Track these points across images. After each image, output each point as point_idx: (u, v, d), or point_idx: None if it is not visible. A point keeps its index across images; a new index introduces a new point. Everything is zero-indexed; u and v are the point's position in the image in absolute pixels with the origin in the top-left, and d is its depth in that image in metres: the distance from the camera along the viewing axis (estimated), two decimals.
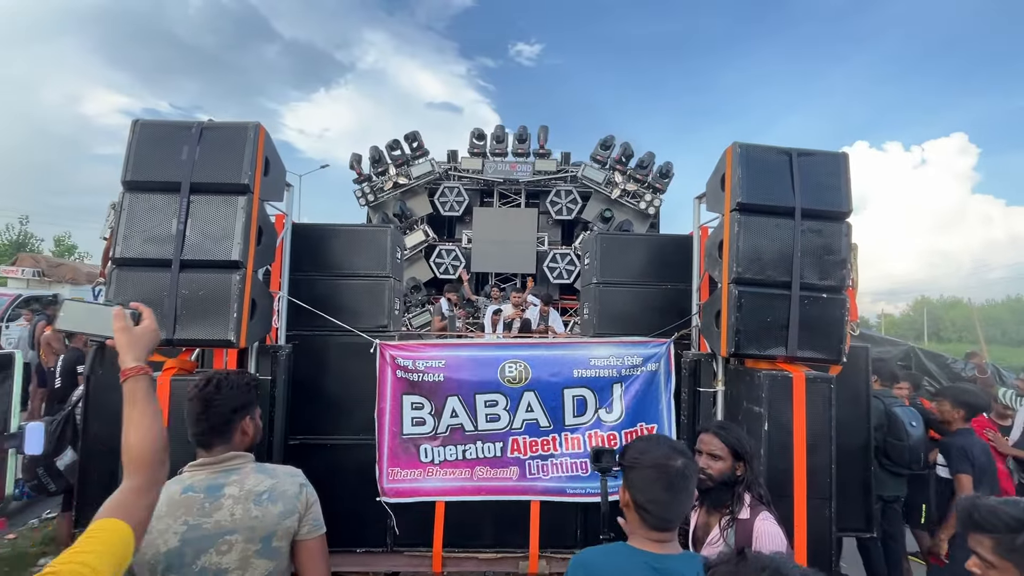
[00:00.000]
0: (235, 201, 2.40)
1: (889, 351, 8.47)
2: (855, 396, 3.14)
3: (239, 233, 2.37)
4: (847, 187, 2.65)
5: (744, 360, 2.66)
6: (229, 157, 2.42)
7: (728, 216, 2.62)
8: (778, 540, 1.69)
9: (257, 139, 2.47)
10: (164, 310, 2.30)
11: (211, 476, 1.57)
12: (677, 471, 1.29)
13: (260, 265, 2.60)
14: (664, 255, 3.39)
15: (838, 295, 2.60)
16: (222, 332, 2.32)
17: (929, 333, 31.23)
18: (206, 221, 2.38)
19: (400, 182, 8.78)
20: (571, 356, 3.05)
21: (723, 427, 1.95)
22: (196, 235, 2.37)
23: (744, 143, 2.64)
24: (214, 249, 2.37)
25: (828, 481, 2.43)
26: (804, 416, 2.41)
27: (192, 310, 2.33)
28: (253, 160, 2.44)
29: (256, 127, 2.48)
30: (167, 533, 1.45)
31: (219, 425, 1.61)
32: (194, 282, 2.35)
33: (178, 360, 2.42)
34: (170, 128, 2.47)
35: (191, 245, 2.36)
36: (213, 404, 1.61)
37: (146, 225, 2.37)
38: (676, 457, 1.31)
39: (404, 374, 2.97)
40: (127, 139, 2.41)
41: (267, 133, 2.56)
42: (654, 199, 8.72)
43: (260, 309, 2.53)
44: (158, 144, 2.42)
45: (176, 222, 2.35)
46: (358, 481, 2.93)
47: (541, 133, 9.15)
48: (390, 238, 3.23)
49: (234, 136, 2.46)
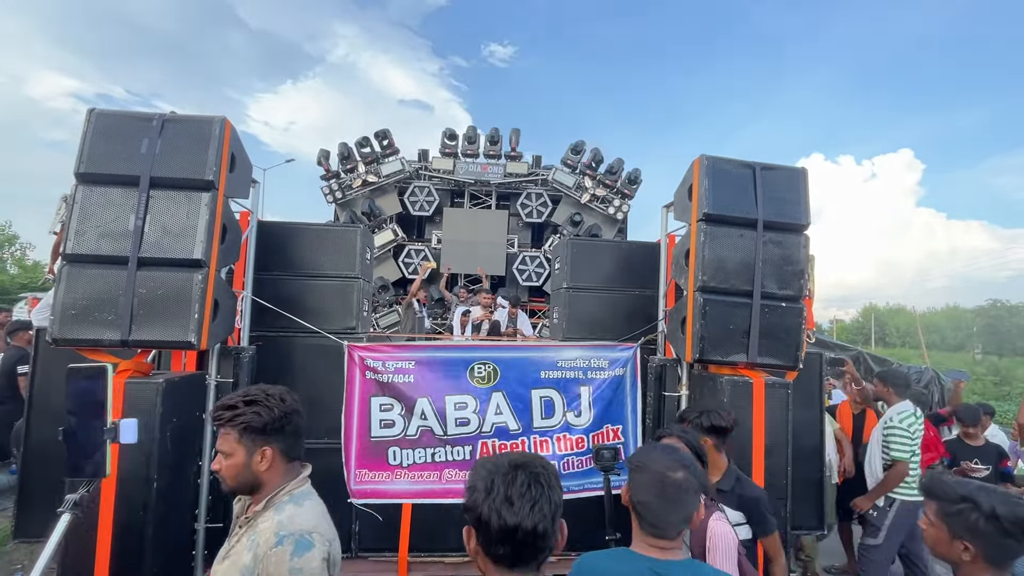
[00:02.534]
0: (198, 197, 2.32)
1: (840, 356, 8.88)
2: (809, 399, 3.29)
3: (202, 230, 2.28)
4: (806, 201, 2.78)
5: (707, 366, 2.75)
6: (193, 151, 2.33)
7: (695, 225, 2.70)
8: (730, 539, 1.77)
9: (223, 134, 2.39)
10: (119, 309, 2.20)
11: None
12: (673, 482, 1.32)
13: (223, 264, 2.51)
14: (632, 262, 3.46)
15: (796, 304, 2.72)
16: (182, 333, 2.23)
17: (876, 338, 32.95)
18: (167, 217, 2.29)
19: (369, 180, 8.63)
20: (539, 358, 3.08)
21: (685, 431, 2.01)
22: (155, 232, 2.27)
23: (711, 156, 2.73)
24: (175, 247, 2.28)
25: (785, 482, 2.55)
26: (763, 420, 2.51)
27: (150, 310, 2.23)
28: (218, 155, 2.36)
29: (222, 121, 2.40)
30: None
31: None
32: (152, 280, 2.25)
33: (133, 362, 2.31)
34: (129, 119, 2.36)
35: (150, 242, 2.26)
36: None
37: (101, 220, 2.25)
38: (678, 469, 1.34)
39: (373, 375, 2.94)
40: (82, 128, 2.29)
41: (233, 128, 2.48)
42: (622, 205, 8.87)
43: (223, 309, 2.45)
44: (116, 135, 2.31)
45: (134, 217, 2.25)
46: (322, 486, 2.84)
47: (513, 135, 9.17)
48: (360, 238, 3.19)
49: (198, 130, 2.37)
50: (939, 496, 1.51)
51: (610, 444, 2.81)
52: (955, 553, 1.45)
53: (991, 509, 1.40)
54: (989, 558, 1.41)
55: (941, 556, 1.51)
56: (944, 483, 1.54)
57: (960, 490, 1.48)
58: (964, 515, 1.43)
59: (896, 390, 3.56)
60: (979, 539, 1.41)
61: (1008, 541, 1.39)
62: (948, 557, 1.48)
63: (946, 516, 1.47)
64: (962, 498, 1.45)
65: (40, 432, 2.71)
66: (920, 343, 14.90)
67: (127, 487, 2.10)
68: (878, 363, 9.13)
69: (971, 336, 35.26)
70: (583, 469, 3.05)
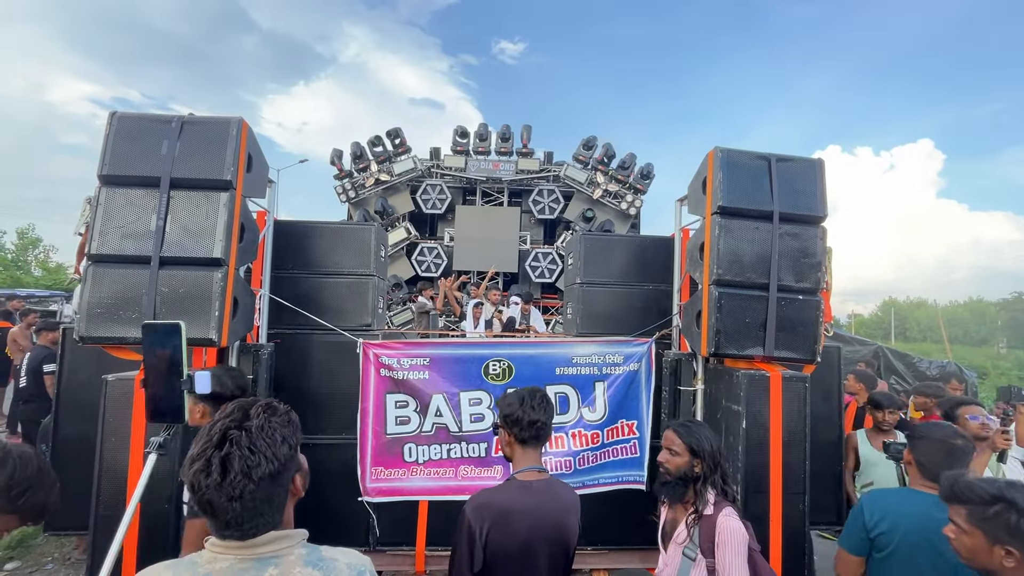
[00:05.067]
0: (217, 197, 2.36)
1: (859, 350, 8.74)
2: (827, 393, 3.26)
3: (221, 230, 2.33)
4: (823, 192, 2.73)
5: (723, 359, 2.73)
6: (211, 152, 2.38)
7: (709, 219, 2.68)
8: (739, 535, 1.75)
9: (240, 134, 2.43)
10: (143, 308, 2.25)
11: (239, 567, 0.99)
12: (958, 447, 1.91)
13: (242, 263, 2.56)
14: (646, 256, 3.45)
15: (813, 297, 2.68)
16: (204, 331, 2.28)
17: (896, 333, 32.32)
18: (187, 217, 2.34)
19: (382, 179, 8.69)
20: (554, 355, 3.08)
21: (684, 425, 1.99)
22: (176, 231, 2.32)
23: (725, 148, 2.70)
24: (195, 246, 2.33)
25: (803, 476, 2.52)
26: (780, 414, 2.49)
27: (172, 308, 2.29)
28: (236, 156, 2.40)
29: (239, 122, 2.44)
30: None
31: (260, 501, 0.98)
32: (174, 279, 2.30)
33: None
34: (149, 121, 2.41)
35: (171, 242, 2.31)
36: (248, 471, 0.97)
37: (124, 221, 2.31)
38: (957, 438, 1.93)
39: (388, 373, 2.97)
40: (104, 131, 2.35)
41: (250, 128, 2.52)
42: (635, 200, 8.82)
43: (242, 307, 2.49)
44: (136, 137, 2.37)
45: (156, 218, 2.30)
46: (341, 480, 2.91)
47: (524, 132, 9.17)
48: (374, 236, 3.22)
49: (216, 131, 2.41)
50: (968, 499, 1.38)
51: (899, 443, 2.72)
52: (996, 561, 1.31)
53: None
54: None
55: (980, 566, 1.37)
56: (970, 484, 1.40)
57: (990, 490, 1.35)
58: (1002, 517, 1.30)
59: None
60: (1022, 541, 1.28)
61: None
62: (988, 567, 1.35)
63: (981, 521, 1.34)
64: (995, 498, 1.33)
65: (67, 428, 2.80)
66: (943, 337, 14.57)
67: (153, 480, 2.15)
68: (898, 358, 8.96)
69: (995, 330, 34.43)
70: (597, 464, 3.05)
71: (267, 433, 1.01)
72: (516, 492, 1.74)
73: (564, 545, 1.75)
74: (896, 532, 1.79)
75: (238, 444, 0.97)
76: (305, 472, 1.13)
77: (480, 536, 1.65)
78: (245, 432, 0.99)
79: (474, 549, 1.65)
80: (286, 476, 1.04)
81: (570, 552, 1.79)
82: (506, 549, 1.66)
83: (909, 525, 1.79)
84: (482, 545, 1.65)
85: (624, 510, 3.04)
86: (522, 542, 1.67)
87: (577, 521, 1.81)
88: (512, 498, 1.72)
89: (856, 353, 8.79)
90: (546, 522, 1.71)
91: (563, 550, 1.75)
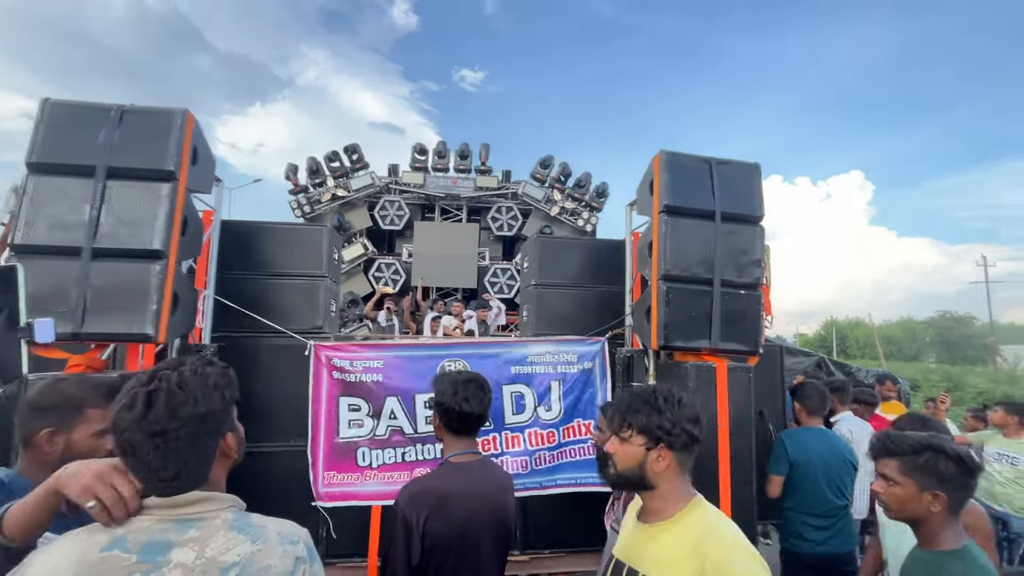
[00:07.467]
0: (158, 188, 2.27)
1: (802, 361, 9.16)
2: (772, 390, 3.40)
3: (161, 221, 2.24)
4: (760, 194, 2.91)
5: (673, 354, 2.81)
6: (153, 142, 2.30)
7: (656, 217, 2.79)
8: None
9: (185, 125, 2.37)
10: (71, 302, 2.12)
11: (157, 527, 0.93)
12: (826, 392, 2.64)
13: (184, 257, 2.46)
14: (599, 259, 3.54)
15: (754, 292, 2.82)
16: (139, 325, 2.17)
17: (837, 350, 34.09)
18: (124, 208, 2.23)
19: (339, 194, 8.59)
20: (508, 354, 3.09)
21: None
22: (111, 222, 2.21)
23: (670, 151, 2.84)
24: (132, 237, 2.22)
25: (749, 464, 2.60)
26: (727, 402, 2.57)
27: (105, 302, 2.16)
28: (180, 146, 2.33)
29: (184, 113, 2.38)
30: None
31: (184, 443, 0.94)
32: (108, 272, 2.18)
33: (85, 357, 2.21)
34: (86, 109, 2.31)
35: (105, 232, 2.20)
36: (174, 408, 0.93)
37: (54, 210, 2.19)
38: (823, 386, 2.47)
39: (341, 375, 2.88)
40: (35, 118, 2.23)
41: (196, 121, 2.46)
42: (591, 217, 9.07)
43: (183, 303, 2.38)
44: (71, 125, 2.26)
45: (89, 208, 2.19)
46: (289, 490, 2.78)
47: (483, 150, 9.32)
48: (327, 238, 3.16)
49: (159, 121, 2.34)
50: (900, 451, 1.44)
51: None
52: (923, 507, 1.38)
53: (954, 452, 1.36)
54: (953, 505, 1.36)
55: (907, 516, 1.43)
56: (902, 436, 1.47)
57: (920, 440, 1.42)
58: (931, 464, 1.37)
59: None
60: (948, 485, 1.35)
61: (970, 481, 1.36)
62: (915, 514, 1.41)
63: (913, 470, 1.40)
64: (924, 447, 1.40)
65: None
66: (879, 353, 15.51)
67: None
68: (838, 367, 9.45)
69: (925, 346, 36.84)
70: (554, 464, 3.04)
71: (199, 376, 0.97)
72: (452, 475, 1.70)
73: (505, 526, 1.73)
74: (806, 454, 2.81)
75: (167, 380, 0.94)
76: (240, 437, 1.08)
77: (417, 527, 1.57)
78: (177, 372, 0.96)
79: (411, 542, 1.57)
80: (214, 424, 0.99)
81: (511, 531, 1.76)
82: (445, 537, 1.60)
83: (812, 449, 2.82)
84: (419, 536, 1.57)
85: (581, 512, 3.03)
86: (461, 527, 1.62)
87: (514, 499, 1.79)
88: (449, 483, 1.67)
89: (800, 364, 9.19)
90: (486, 504, 1.68)
91: (505, 531, 1.72)
